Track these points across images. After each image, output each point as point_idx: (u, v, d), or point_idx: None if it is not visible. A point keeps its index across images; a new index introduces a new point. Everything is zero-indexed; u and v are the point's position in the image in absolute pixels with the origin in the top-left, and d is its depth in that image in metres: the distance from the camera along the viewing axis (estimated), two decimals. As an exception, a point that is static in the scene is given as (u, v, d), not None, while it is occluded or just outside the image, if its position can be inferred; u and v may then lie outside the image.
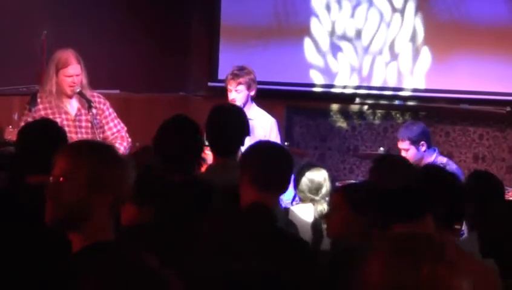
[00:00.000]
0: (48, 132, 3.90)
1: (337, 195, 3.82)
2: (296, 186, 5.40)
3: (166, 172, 4.03)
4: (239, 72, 6.51)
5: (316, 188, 5.29)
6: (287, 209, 5.16)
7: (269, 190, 3.61)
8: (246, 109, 6.51)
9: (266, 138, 6.35)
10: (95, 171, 2.57)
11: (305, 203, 5.26)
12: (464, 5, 7.60)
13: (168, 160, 4.20)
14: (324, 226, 4.65)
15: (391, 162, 4.51)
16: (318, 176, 5.37)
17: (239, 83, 6.46)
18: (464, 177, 5.02)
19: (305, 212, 5.17)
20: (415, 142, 6.41)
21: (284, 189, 3.74)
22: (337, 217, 3.69)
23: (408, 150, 6.41)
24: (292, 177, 4.25)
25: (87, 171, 2.57)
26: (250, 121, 6.52)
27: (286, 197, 5.47)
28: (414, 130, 6.47)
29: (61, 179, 2.58)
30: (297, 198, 5.60)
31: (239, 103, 6.47)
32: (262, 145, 3.90)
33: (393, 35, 7.92)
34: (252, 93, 6.51)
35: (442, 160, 6.56)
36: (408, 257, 2.05)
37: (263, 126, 6.54)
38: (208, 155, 5.10)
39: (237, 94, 6.47)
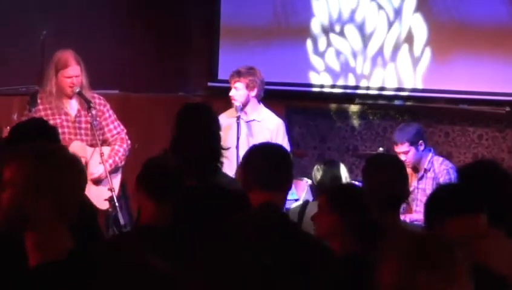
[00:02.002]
0: (39, 131, 3.91)
1: (324, 198, 3.86)
2: (315, 184, 5.47)
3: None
4: (241, 70, 6.55)
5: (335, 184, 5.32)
6: (305, 206, 5.17)
7: (270, 190, 3.65)
8: (249, 109, 6.55)
9: (272, 140, 6.38)
10: (29, 177, 2.55)
11: None
12: (463, 6, 7.60)
13: (184, 164, 4.20)
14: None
15: (383, 161, 4.54)
16: (338, 171, 5.45)
17: (237, 81, 6.50)
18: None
19: None
20: (414, 143, 6.44)
21: (286, 188, 3.77)
22: (325, 219, 3.74)
23: (407, 152, 6.42)
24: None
25: (21, 177, 2.55)
26: (256, 123, 6.56)
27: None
28: (411, 131, 6.49)
29: (1, 187, 2.58)
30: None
31: (237, 100, 6.49)
32: (259, 147, 3.95)
33: (392, 36, 7.92)
34: (253, 94, 6.52)
35: (438, 160, 6.58)
36: (407, 261, 2.07)
37: (269, 128, 6.55)
38: None
39: (236, 91, 6.51)
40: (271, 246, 3.45)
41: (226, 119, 6.60)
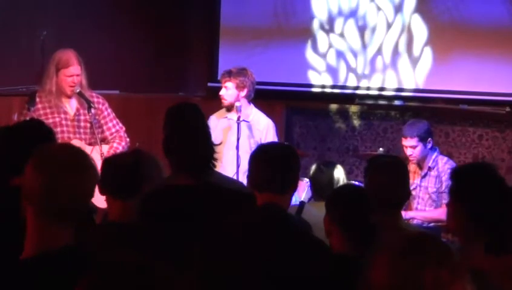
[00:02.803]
0: (36, 133, 3.90)
1: (325, 198, 3.91)
2: (312, 184, 5.46)
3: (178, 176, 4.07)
4: (232, 70, 6.56)
5: (331, 185, 5.31)
6: (302, 207, 5.16)
7: (273, 191, 3.65)
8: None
9: (262, 141, 6.37)
10: (26, 181, 2.58)
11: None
12: (464, 6, 7.61)
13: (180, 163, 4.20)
14: None
15: (384, 162, 4.53)
16: (336, 173, 5.44)
17: (227, 81, 6.51)
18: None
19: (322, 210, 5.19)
20: (423, 139, 6.44)
21: (291, 189, 3.77)
22: (325, 219, 3.77)
23: (415, 147, 6.42)
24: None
25: (23, 180, 2.59)
26: (246, 124, 6.55)
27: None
28: (421, 127, 6.50)
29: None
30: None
31: (227, 99, 6.51)
32: (265, 147, 3.95)
33: (392, 36, 7.93)
34: (243, 94, 6.50)
35: (443, 159, 6.58)
36: (412, 260, 2.05)
37: (259, 128, 6.55)
38: None
39: (226, 91, 6.52)
40: (269, 245, 3.46)
41: (215, 120, 6.60)
